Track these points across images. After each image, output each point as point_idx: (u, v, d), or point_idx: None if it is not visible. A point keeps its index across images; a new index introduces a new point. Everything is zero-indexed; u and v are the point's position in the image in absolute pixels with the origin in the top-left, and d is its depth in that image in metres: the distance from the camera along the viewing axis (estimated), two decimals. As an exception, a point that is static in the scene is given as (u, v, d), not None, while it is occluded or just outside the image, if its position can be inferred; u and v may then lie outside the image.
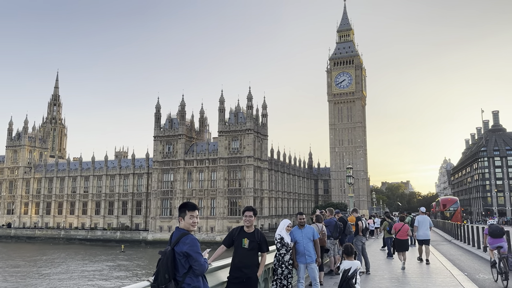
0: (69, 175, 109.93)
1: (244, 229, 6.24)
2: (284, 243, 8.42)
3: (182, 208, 4.90)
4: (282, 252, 8.33)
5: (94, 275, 52.60)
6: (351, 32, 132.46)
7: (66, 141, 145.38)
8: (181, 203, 5.11)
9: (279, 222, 75.94)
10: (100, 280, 48.36)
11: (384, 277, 13.05)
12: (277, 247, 8.49)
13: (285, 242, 8.43)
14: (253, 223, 6.33)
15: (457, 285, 11.36)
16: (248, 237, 6.14)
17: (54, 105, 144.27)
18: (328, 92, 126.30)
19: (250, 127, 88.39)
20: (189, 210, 4.86)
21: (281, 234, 8.54)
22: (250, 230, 6.22)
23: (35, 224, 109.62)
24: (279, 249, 8.41)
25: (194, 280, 4.60)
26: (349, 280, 7.14)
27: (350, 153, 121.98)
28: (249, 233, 6.19)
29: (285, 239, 8.48)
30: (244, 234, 6.17)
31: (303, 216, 9.58)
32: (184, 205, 4.92)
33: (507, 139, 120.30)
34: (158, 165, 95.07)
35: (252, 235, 6.17)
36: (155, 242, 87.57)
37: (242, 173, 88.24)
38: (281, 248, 8.39)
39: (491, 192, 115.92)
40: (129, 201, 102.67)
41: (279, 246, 8.43)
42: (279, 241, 8.48)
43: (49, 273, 54.05)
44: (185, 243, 4.57)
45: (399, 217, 20.36)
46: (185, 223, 4.82)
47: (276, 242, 8.57)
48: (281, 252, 8.33)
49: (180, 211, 4.90)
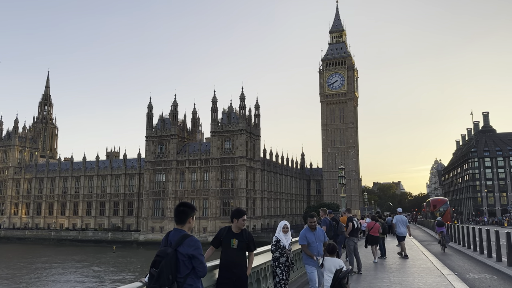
0: (60, 175, 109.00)
1: (232, 230, 6.25)
2: (280, 246, 8.34)
3: (193, 209, 4.88)
4: (276, 254, 8.28)
5: (85, 276, 52.23)
6: (343, 33, 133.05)
7: (57, 141, 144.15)
8: (186, 203, 4.94)
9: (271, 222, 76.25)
10: (92, 283, 47.98)
11: (376, 277, 13.13)
12: (271, 249, 8.42)
13: (281, 245, 8.35)
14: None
15: (448, 285, 11.47)
16: (237, 237, 6.16)
17: (45, 104, 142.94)
18: (321, 93, 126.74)
19: (242, 127, 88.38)
20: (194, 212, 4.93)
21: (278, 236, 8.47)
22: (239, 231, 6.24)
23: (25, 225, 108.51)
24: (273, 252, 8.35)
25: (195, 281, 4.58)
26: (341, 280, 7.19)
27: (342, 154, 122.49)
28: (237, 233, 6.21)
29: (282, 241, 8.38)
30: (232, 235, 6.19)
31: (314, 219, 9.35)
32: (193, 207, 4.91)
33: (497, 140, 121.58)
34: (150, 165, 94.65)
35: (240, 235, 6.20)
36: (147, 243, 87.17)
37: (234, 174, 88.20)
38: (275, 250, 8.33)
39: (481, 193, 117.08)
40: (121, 202, 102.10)
41: (273, 248, 8.36)
42: (274, 243, 8.41)
43: (39, 275, 53.54)
44: (190, 245, 4.52)
45: (370, 216, 22.12)
46: (190, 225, 4.79)
47: (271, 245, 8.51)
48: (275, 255, 8.28)
49: (192, 212, 4.86)
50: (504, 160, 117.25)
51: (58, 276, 51.91)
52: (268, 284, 8.62)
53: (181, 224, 4.76)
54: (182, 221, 4.75)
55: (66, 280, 49.30)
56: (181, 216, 4.77)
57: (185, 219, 4.76)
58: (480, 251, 20.63)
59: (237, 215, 6.28)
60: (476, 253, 20.91)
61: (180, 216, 4.77)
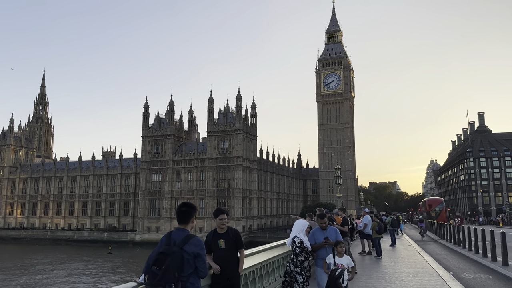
0: (56, 175, 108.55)
1: (218, 231, 6.27)
2: (304, 248, 7.69)
3: (195, 209, 5.00)
4: (301, 258, 7.62)
5: (80, 276, 52.02)
6: (340, 34, 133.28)
7: (52, 141, 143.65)
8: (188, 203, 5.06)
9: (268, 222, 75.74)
10: (86, 284, 47.74)
11: (371, 277, 13.15)
12: (296, 252, 7.71)
13: (305, 247, 7.71)
14: (225, 225, 6.33)
15: (443, 284, 11.50)
16: (223, 237, 6.17)
17: (40, 104, 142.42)
18: (317, 93, 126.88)
19: (239, 127, 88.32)
20: (196, 212, 5.07)
21: (300, 237, 7.79)
22: (224, 231, 6.26)
23: (20, 225, 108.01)
24: (298, 255, 7.66)
25: (197, 280, 4.67)
26: (336, 280, 7.17)
27: (338, 154, 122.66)
28: (223, 234, 6.22)
29: (305, 243, 7.75)
30: (218, 236, 6.20)
31: (325, 220, 8.48)
32: (195, 207, 5.03)
33: (492, 140, 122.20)
34: (146, 165, 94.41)
35: (226, 235, 6.21)
36: (142, 243, 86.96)
37: (231, 173, 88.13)
38: (301, 253, 7.63)
39: (477, 193, 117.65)
40: (117, 202, 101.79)
41: (299, 251, 7.65)
42: (298, 245, 7.69)
43: (33, 275, 53.26)
44: (196, 244, 4.62)
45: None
46: (192, 225, 4.90)
47: (295, 247, 7.78)
48: (300, 259, 7.62)
49: (195, 212, 4.97)
50: (499, 160, 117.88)
51: (52, 279, 51.65)
52: (264, 284, 8.59)
53: (184, 224, 4.83)
54: (185, 221, 4.83)
55: (60, 281, 49.07)
56: (184, 216, 4.85)
57: (188, 219, 4.84)
58: (475, 251, 20.70)
59: (215, 214, 6.29)
60: (472, 253, 20.97)
61: (183, 216, 4.85)
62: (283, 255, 10.21)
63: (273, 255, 9.37)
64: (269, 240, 68.40)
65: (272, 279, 9.22)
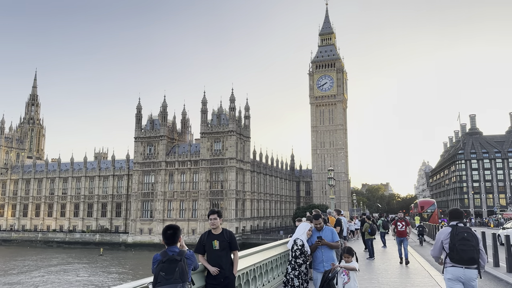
0: (47, 176, 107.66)
1: (212, 232, 6.32)
2: (304, 251, 7.66)
3: (179, 229, 5.50)
4: (299, 261, 7.61)
5: (72, 276, 51.61)
6: (333, 36, 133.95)
7: (44, 142, 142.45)
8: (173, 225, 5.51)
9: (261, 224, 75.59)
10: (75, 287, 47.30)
11: (364, 278, 13.21)
12: (295, 254, 7.69)
13: (305, 251, 7.67)
14: (219, 225, 6.37)
15: (435, 285, 11.60)
16: (217, 238, 6.22)
17: (32, 105, 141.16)
18: (310, 95, 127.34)
19: (232, 128, 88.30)
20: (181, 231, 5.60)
21: (302, 240, 7.72)
22: (218, 232, 6.31)
23: (11, 227, 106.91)
24: (297, 257, 7.64)
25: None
26: (330, 281, 7.18)
27: (331, 155, 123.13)
28: (217, 235, 6.28)
29: (306, 246, 7.70)
30: (213, 237, 6.26)
31: (320, 220, 8.17)
32: (179, 227, 5.49)
33: (484, 142, 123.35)
34: (139, 166, 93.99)
35: (221, 236, 6.27)
36: (135, 245, 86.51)
37: (224, 175, 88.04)
38: (300, 256, 7.62)
39: (468, 194, 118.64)
40: (109, 203, 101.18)
41: (298, 253, 7.64)
42: (300, 247, 7.65)
43: (24, 277, 52.77)
44: (191, 256, 5.37)
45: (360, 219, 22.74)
46: (180, 243, 5.45)
47: (295, 249, 7.73)
48: (298, 261, 7.61)
49: (180, 232, 5.43)
50: (491, 162, 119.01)
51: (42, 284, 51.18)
52: (257, 285, 8.60)
53: (173, 244, 5.24)
54: (174, 242, 5.24)
55: (51, 281, 48.66)
56: (173, 237, 5.25)
57: (176, 239, 5.26)
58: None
59: (208, 215, 6.45)
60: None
61: (171, 238, 5.25)
62: (276, 256, 10.24)
63: (267, 256, 9.40)
64: (262, 241, 68.40)
65: (265, 280, 9.23)
